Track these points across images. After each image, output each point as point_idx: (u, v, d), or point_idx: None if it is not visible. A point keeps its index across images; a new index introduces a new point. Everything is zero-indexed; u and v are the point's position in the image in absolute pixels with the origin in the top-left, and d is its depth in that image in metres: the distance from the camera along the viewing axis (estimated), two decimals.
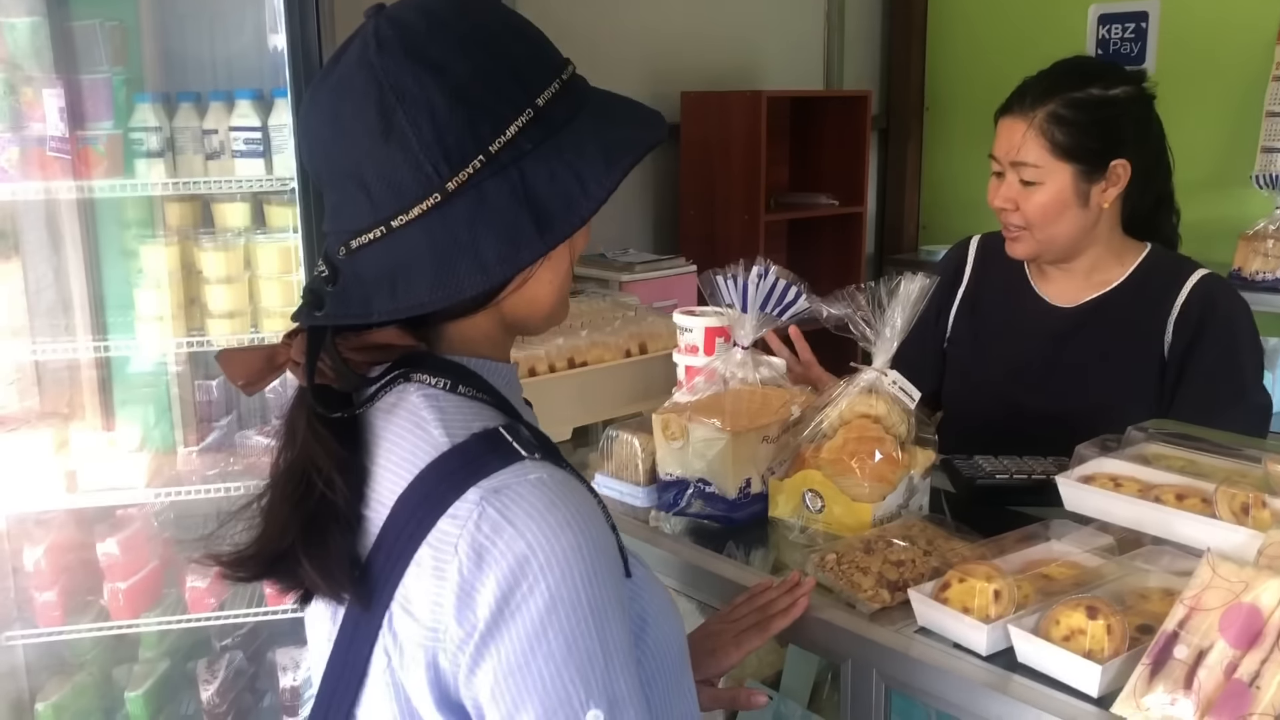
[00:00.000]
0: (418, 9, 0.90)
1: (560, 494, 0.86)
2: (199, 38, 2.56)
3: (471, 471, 0.85)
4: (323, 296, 0.90)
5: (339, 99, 0.89)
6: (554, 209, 0.87)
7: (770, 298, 1.52)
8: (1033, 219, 1.73)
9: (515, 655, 0.82)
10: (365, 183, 0.88)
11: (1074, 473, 1.33)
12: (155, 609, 2.39)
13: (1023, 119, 1.71)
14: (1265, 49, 3.70)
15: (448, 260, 0.86)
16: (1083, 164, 1.70)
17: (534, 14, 0.98)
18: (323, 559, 0.89)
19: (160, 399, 2.46)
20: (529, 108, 0.88)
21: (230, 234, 2.33)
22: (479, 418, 0.91)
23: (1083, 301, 1.81)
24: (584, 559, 0.83)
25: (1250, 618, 0.94)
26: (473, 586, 0.82)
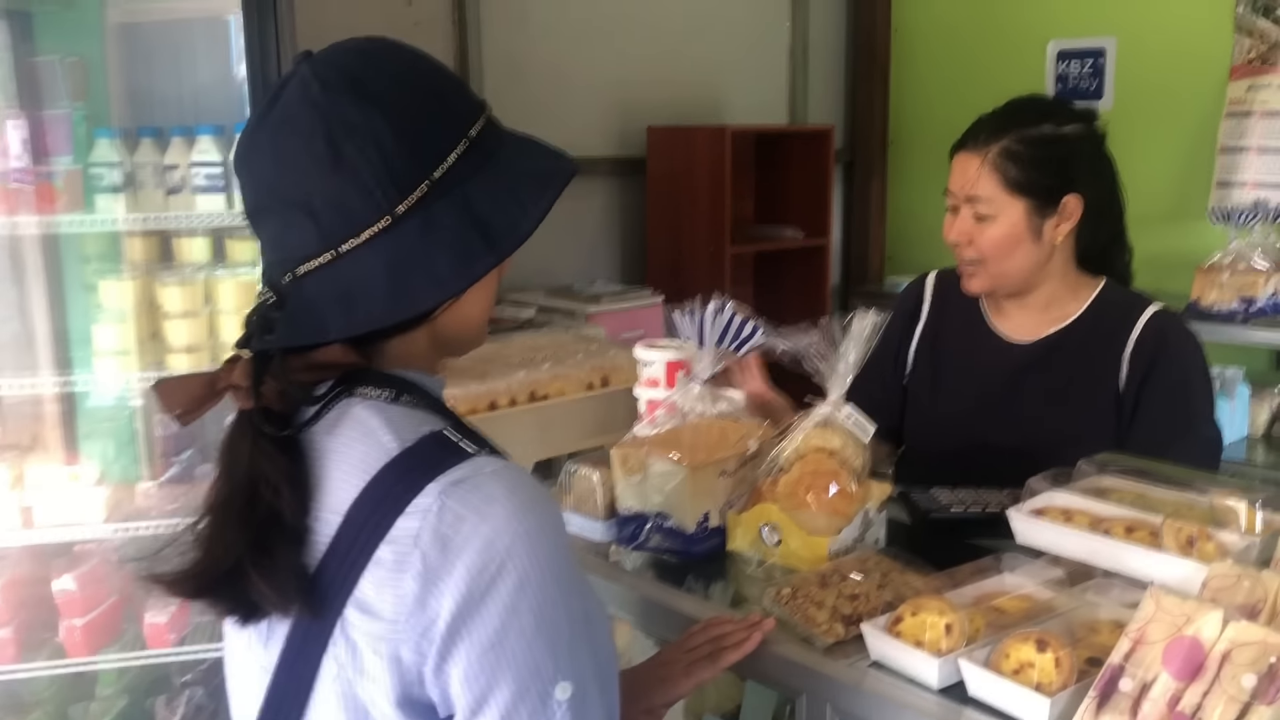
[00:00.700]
0: (350, 52, 0.98)
1: (517, 481, 0.91)
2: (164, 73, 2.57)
3: (427, 469, 0.90)
4: (272, 321, 0.94)
5: (283, 136, 0.95)
6: (499, 227, 0.95)
7: (728, 332, 1.53)
8: (986, 253, 1.76)
9: (488, 636, 0.86)
10: (313, 211, 0.93)
11: (1025, 506, 1.34)
12: (113, 645, 2.37)
13: (976, 154, 1.74)
14: (1218, 86, 3.78)
15: (402, 276, 0.92)
16: (1035, 199, 1.73)
17: (500, 49, 1.05)
18: (272, 572, 0.91)
19: (120, 433, 2.44)
20: (464, 138, 0.96)
21: (190, 269, 2.33)
22: (425, 423, 0.95)
23: (1039, 337, 1.83)
24: (547, 539, 0.89)
25: (1192, 650, 0.96)
26: (438, 575, 0.86)
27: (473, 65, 3.56)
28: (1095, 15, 4.09)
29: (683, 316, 1.53)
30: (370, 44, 1.00)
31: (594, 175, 3.99)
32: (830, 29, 4.78)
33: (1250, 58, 3.70)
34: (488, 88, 3.60)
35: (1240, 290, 3.31)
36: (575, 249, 3.97)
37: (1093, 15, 4.10)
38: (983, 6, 4.43)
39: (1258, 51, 3.69)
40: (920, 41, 4.69)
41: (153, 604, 2.35)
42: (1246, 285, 3.30)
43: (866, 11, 4.76)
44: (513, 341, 2.15)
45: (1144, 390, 1.74)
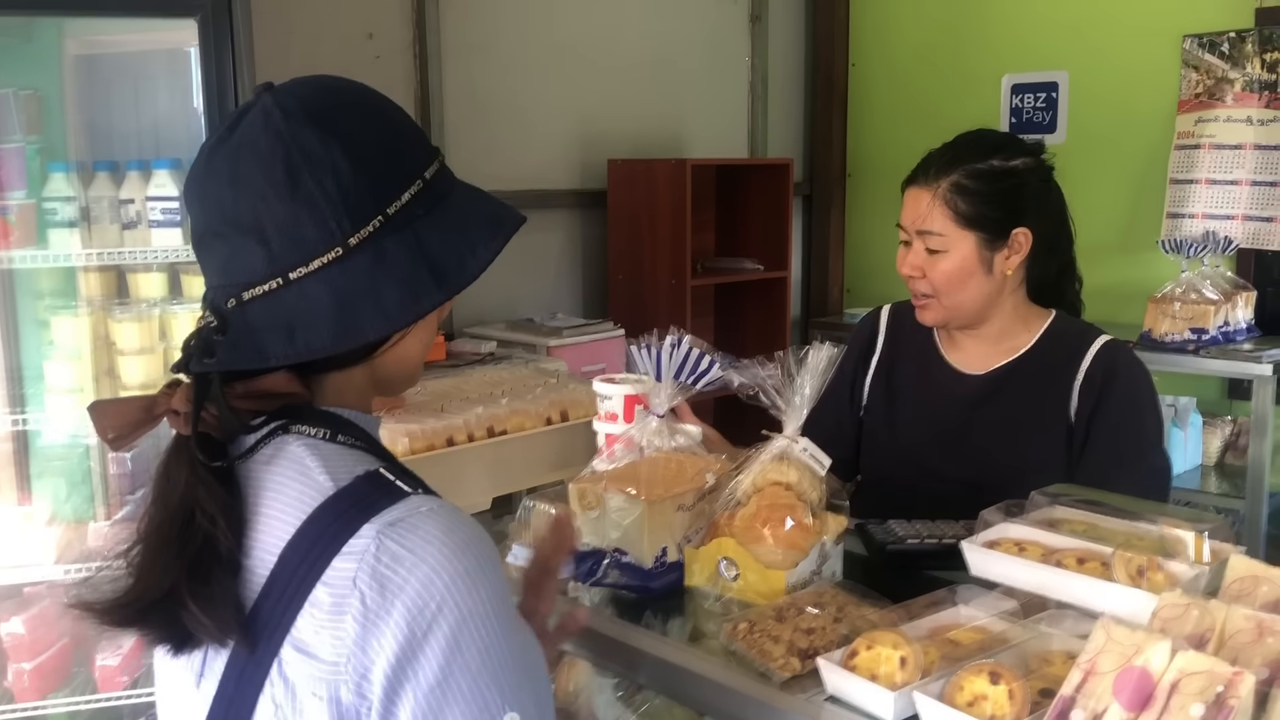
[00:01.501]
0: (313, 86, 1.00)
1: (453, 521, 0.92)
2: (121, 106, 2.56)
3: (363, 510, 0.90)
4: (213, 346, 0.94)
5: (241, 161, 0.95)
6: (448, 265, 0.96)
7: (685, 366, 1.54)
8: (939, 286, 1.78)
9: (433, 674, 0.86)
10: (265, 237, 0.93)
11: (979, 538, 1.35)
12: (63, 689, 2.32)
13: (927, 189, 1.77)
14: (1167, 119, 3.86)
15: (350, 307, 0.93)
16: (985, 232, 1.76)
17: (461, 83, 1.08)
18: (208, 600, 0.90)
19: (73, 472, 2.41)
20: (419, 179, 0.98)
21: (145, 304, 2.31)
22: (360, 462, 0.96)
23: (992, 369, 1.85)
24: (486, 576, 0.90)
25: (1142, 680, 0.96)
26: (378, 616, 0.86)
27: (433, 99, 3.57)
28: (1048, 50, 4.17)
29: (639, 350, 1.53)
30: (333, 81, 1.02)
31: (555, 208, 4.00)
32: (789, 63, 4.84)
33: (1197, 92, 3.79)
34: (449, 121, 3.61)
35: (1191, 320, 3.36)
36: (536, 282, 3.98)
37: (1045, 50, 4.18)
38: (939, 41, 4.51)
39: (1204, 86, 3.77)
40: (878, 76, 4.75)
41: (104, 646, 2.30)
42: (1197, 315, 3.36)
43: (825, 46, 4.82)
44: (471, 376, 2.15)
45: (1094, 420, 1.76)
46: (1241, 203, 3.71)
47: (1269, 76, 3.65)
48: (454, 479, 1.77)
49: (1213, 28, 3.74)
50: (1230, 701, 0.92)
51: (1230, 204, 3.73)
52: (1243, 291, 3.48)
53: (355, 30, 3.44)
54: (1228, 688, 0.93)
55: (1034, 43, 4.22)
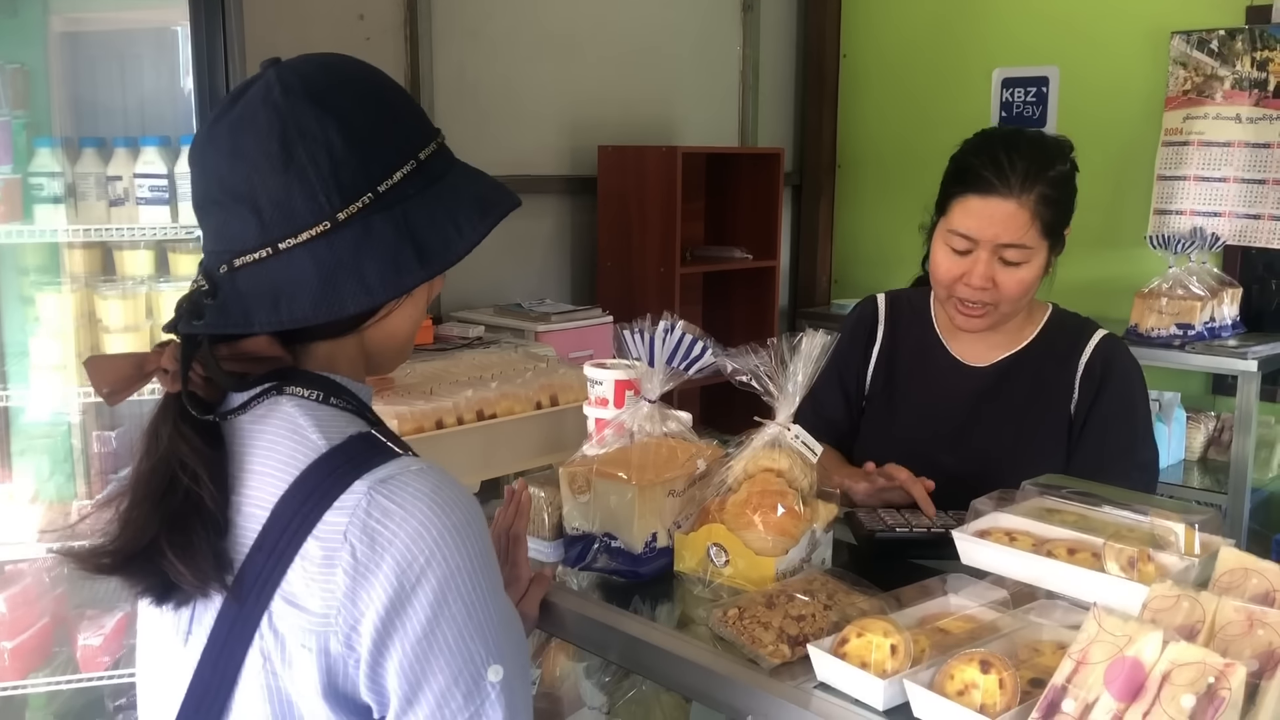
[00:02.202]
0: (317, 64, 1.02)
1: (441, 479, 0.95)
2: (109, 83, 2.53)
3: (355, 466, 0.93)
4: (202, 308, 0.97)
5: (239, 132, 0.98)
6: (433, 245, 0.99)
7: (677, 352, 1.53)
8: (1011, 295, 1.72)
9: (421, 626, 0.89)
10: (258, 206, 0.96)
11: (970, 527, 1.35)
12: (44, 669, 2.31)
13: (1012, 200, 1.67)
14: (1155, 116, 3.87)
15: (333, 280, 0.96)
16: (1054, 239, 1.73)
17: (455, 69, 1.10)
18: (188, 551, 0.93)
19: (56, 450, 2.39)
20: (413, 159, 1.01)
21: (132, 282, 2.29)
22: (352, 424, 0.99)
23: (995, 361, 1.85)
24: (472, 533, 0.93)
25: (1133, 671, 0.97)
26: (368, 569, 0.89)
27: (424, 81, 3.55)
28: (1038, 45, 4.17)
29: (632, 336, 1.53)
30: (338, 60, 1.05)
31: (545, 194, 3.99)
32: (781, 53, 4.83)
33: (1185, 89, 3.80)
34: (439, 104, 3.59)
35: (1178, 316, 3.38)
36: (525, 267, 3.96)
37: (1036, 45, 4.18)
38: (930, 34, 4.50)
39: (1192, 83, 3.78)
40: (869, 67, 4.75)
41: (86, 626, 2.29)
42: (1184, 311, 3.37)
43: (816, 37, 4.81)
44: (461, 360, 2.14)
45: (1092, 412, 1.77)
46: (1230, 200, 3.73)
47: (1259, 75, 3.66)
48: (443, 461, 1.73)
49: (1203, 25, 3.75)
50: (1221, 693, 0.92)
51: (1218, 201, 3.75)
52: (1229, 288, 3.49)
53: (346, 11, 3.42)
54: (1219, 679, 0.93)
55: (1025, 37, 4.22)
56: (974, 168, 1.71)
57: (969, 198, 1.71)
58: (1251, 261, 3.76)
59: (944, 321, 1.90)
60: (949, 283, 1.75)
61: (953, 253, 1.73)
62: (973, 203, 1.70)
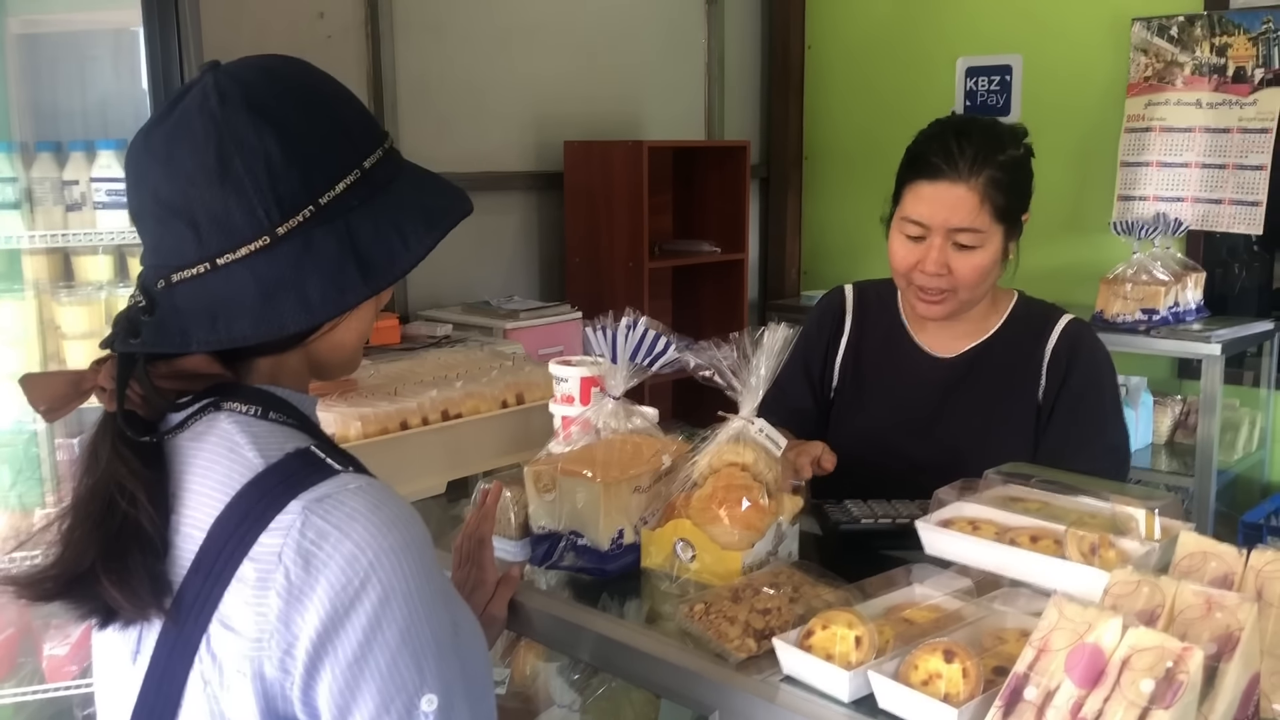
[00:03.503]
0: (256, 68, 0.98)
1: (381, 498, 0.92)
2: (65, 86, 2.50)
3: (291, 486, 0.90)
4: (139, 325, 0.94)
5: (175, 142, 0.95)
6: (377, 259, 0.95)
7: (640, 348, 1.53)
8: (967, 281, 1.73)
9: (353, 650, 0.87)
10: (195, 221, 0.93)
11: (933, 517, 1.36)
12: (10, 680, 2.28)
13: (961, 184, 1.69)
14: (1118, 102, 3.90)
15: (272, 298, 0.93)
16: (1009, 224, 1.74)
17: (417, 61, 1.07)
18: (124, 578, 0.91)
19: (17, 459, 2.36)
20: (357, 168, 0.97)
21: (91, 288, 2.26)
22: (291, 440, 0.96)
23: (962, 351, 1.86)
24: (411, 554, 0.90)
25: (1093, 657, 0.97)
26: (302, 591, 0.87)
27: (386, 79, 3.53)
28: (1001, 33, 4.19)
29: (595, 332, 1.52)
30: (280, 63, 1.01)
31: (511, 190, 3.97)
32: (746, 45, 4.83)
33: (1146, 75, 3.83)
34: (401, 102, 3.57)
35: (1142, 301, 3.40)
36: (492, 264, 3.94)
37: (999, 33, 4.20)
38: (895, 24, 4.52)
39: (1153, 69, 3.81)
40: (834, 58, 4.76)
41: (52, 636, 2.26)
42: (1148, 296, 3.40)
43: (781, 29, 4.82)
44: (426, 359, 2.12)
45: (1059, 397, 1.78)
46: (1192, 185, 3.76)
47: (1218, 60, 3.69)
48: (408, 463, 1.75)
49: (1162, 11, 3.77)
50: (1179, 676, 0.93)
51: (1180, 186, 3.78)
52: (1192, 273, 3.52)
53: (306, 9, 3.38)
54: (1177, 663, 0.94)
55: (987, 26, 4.24)
56: (925, 155, 1.73)
57: (920, 184, 1.72)
58: (1214, 245, 3.80)
59: (910, 312, 1.91)
60: (905, 270, 1.77)
61: (907, 240, 1.75)
62: (923, 189, 1.72)
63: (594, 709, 1.75)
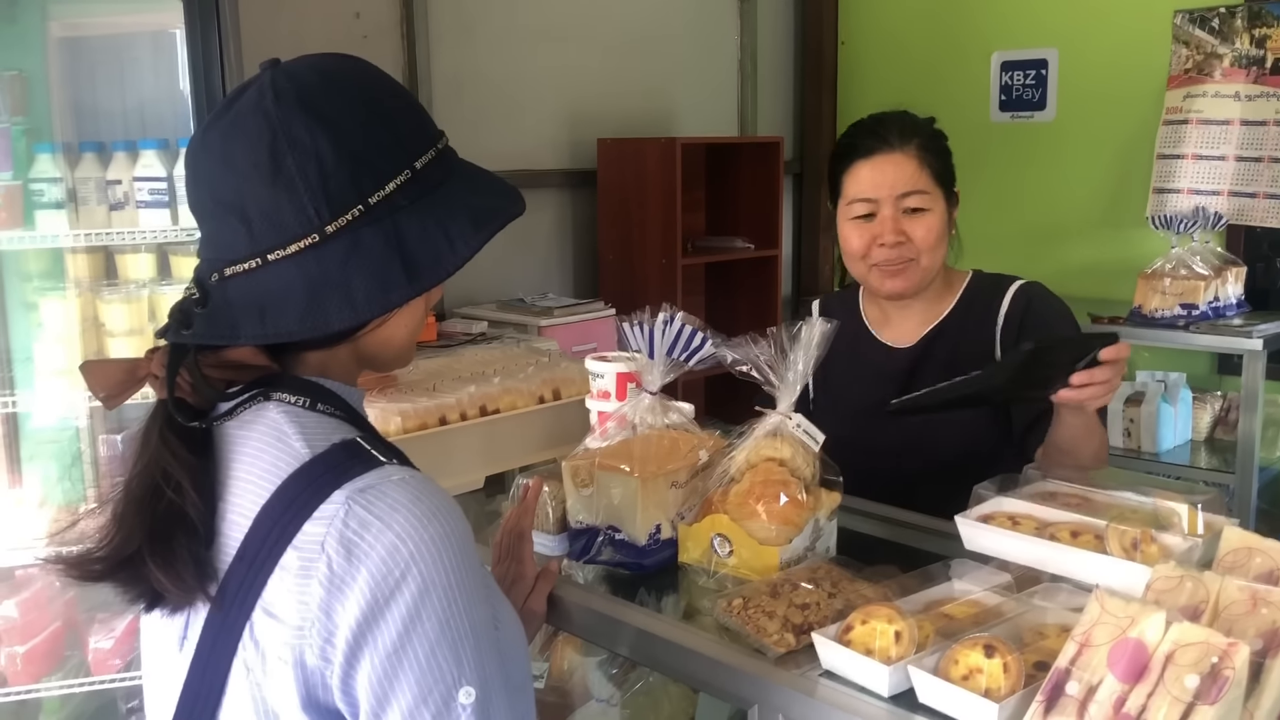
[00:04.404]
0: (313, 68, 0.99)
1: (423, 490, 0.92)
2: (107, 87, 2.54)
3: (335, 476, 0.91)
4: (192, 316, 0.96)
5: (231, 139, 0.96)
6: (423, 260, 0.96)
7: (677, 343, 1.53)
8: (925, 245, 1.79)
9: (392, 640, 0.87)
10: (247, 217, 0.95)
11: (973, 512, 1.35)
12: (57, 673, 2.32)
13: (899, 152, 1.78)
14: (1156, 95, 3.85)
15: (319, 295, 0.94)
16: (946, 190, 1.82)
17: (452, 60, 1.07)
18: (170, 562, 0.92)
19: (63, 455, 2.40)
20: (407, 169, 0.98)
21: (134, 285, 2.29)
22: (338, 431, 0.97)
23: (919, 339, 1.89)
24: (452, 546, 0.90)
25: (1136, 652, 0.97)
26: (344, 581, 0.87)
27: (421, 78, 3.55)
28: (1038, 27, 4.16)
29: (632, 328, 1.53)
30: (337, 63, 1.02)
31: (545, 188, 3.99)
32: (778, 41, 4.82)
33: (1187, 67, 3.78)
34: (436, 100, 3.59)
35: (1181, 296, 3.36)
36: (527, 262, 3.96)
37: (1035, 27, 4.16)
38: (928, 18, 4.49)
39: (1194, 61, 3.77)
40: (867, 53, 4.74)
41: (97, 630, 2.30)
42: (1187, 291, 3.36)
43: (814, 24, 4.80)
44: (463, 355, 2.13)
45: None
46: (1228, 178, 3.71)
47: (1257, 52, 3.64)
48: (446, 458, 1.76)
49: (1203, 3, 3.73)
50: (1225, 672, 0.92)
51: (1217, 179, 3.73)
52: (1232, 267, 3.48)
53: (342, 9, 3.41)
54: (1222, 659, 0.93)
55: (1024, 20, 4.20)
56: (853, 142, 1.84)
57: (857, 165, 1.81)
58: (1255, 240, 3.74)
59: (872, 313, 1.96)
60: (862, 251, 1.82)
61: (858, 222, 1.82)
62: (861, 168, 1.80)
63: (632, 703, 1.75)
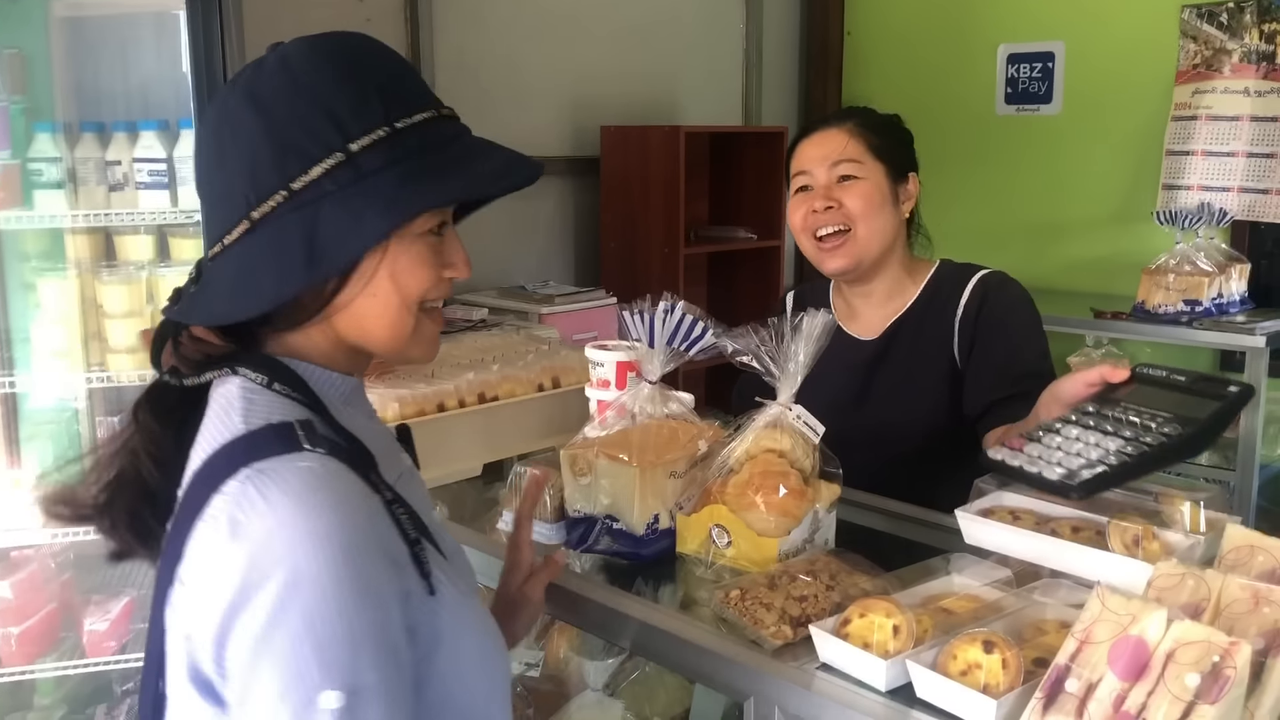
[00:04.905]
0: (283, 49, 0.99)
1: (326, 482, 0.89)
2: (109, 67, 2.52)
3: (249, 455, 0.91)
4: (182, 294, 1.02)
5: (203, 126, 1.00)
6: (326, 246, 0.93)
7: (677, 333, 1.52)
8: (857, 212, 1.83)
9: (255, 629, 0.84)
10: (210, 202, 0.98)
11: (973, 506, 1.34)
12: (52, 654, 2.31)
13: (834, 129, 1.88)
14: (1164, 90, 3.83)
15: (240, 282, 0.95)
16: (890, 166, 1.86)
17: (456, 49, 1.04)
18: (113, 517, 0.99)
19: (60, 436, 2.39)
20: (340, 151, 0.93)
21: (133, 267, 2.28)
22: (284, 412, 0.96)
23: (883, 330, 1.91)
24: (336, 544, 0.86)
25: (1137, 649, 0.96)
26: (225, 558, 0.87)
27: (425, 62, 3.53)
28: (1045, 19, 4.13)
29: (632, 317, 1.52)
30: (301, 43, 0.99)
31: (547, 175, 3.92)
32: (784, 31, 4.79)
33: (1195, 63, 3.76)
34: (440, 85, 3.57)
35: (1185, 292, 3.35)
36: (528, 249, 3.95)
37: (1042, 19, 4.14)
38: (935, 10, 4.46)
39: (1202, 56, 3.74)
40: (873, 44, 4.71)
41: (92, 611, 2.29)
42: (1191, 287, 3.35)
43: (819, 14, 4.78)
44: (462, 342, 2.12)
45: (975, 344, 1.82)
46: (1238, 174, 3.69)
47: (1267, 47, 3.62)
48: (444, 445, 1.75)
49: None
50: (1226, 671, 0.91)
51: (1226, 176, 3.71)
52: (1237, 264, 3.46)
53: None
54: (1224, 657, 0.92)
55: (1031, 12, 4.18)
56: (801, 133, 1.94)
57: (799, 145, 1.91)
58: (1260, 237, 3.73)
59: (839, 305, 1.98)
60: (803, 224, 1.87)
61: (798, 195, 1.89)
62: (802, 146, 1.91)
63: (627, 693, 1.75)
